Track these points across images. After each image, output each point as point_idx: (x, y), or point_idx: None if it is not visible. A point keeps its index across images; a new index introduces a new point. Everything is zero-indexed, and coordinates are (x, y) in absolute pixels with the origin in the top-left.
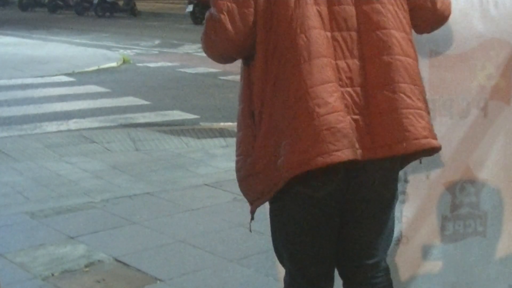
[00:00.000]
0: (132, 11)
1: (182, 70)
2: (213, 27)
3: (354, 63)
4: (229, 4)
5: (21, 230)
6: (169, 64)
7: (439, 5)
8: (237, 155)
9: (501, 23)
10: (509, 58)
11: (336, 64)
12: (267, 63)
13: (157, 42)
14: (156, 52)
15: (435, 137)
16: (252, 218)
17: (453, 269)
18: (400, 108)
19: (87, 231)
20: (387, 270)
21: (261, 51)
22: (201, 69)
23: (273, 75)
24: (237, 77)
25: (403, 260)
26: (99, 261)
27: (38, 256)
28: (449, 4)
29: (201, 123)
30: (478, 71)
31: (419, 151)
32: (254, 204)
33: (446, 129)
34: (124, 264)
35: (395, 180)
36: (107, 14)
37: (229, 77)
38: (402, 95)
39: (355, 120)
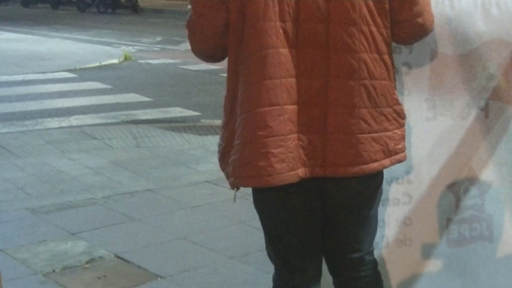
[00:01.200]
0: (134, 8)
1: (183, 67)
2: (190, 28)
3: (318, 82)
4: (201, 7)
5: (22, 226)
6: (171, 61)
7: (426, 21)
8: (219, 137)
9: (503, 23)
10: (511, 58)
11: (298, 81)
12: (236, 67)
13: (158, 38)
14: (158, 49)
15: (391, 153)
16: (238, 189)
17: (458, 274)
18: (356, 133)
19: (88, 227)
20: (373, 263)
21: (232, 55)
22: (202, 66)
23: (240, 81)
24: None
25: (406, 262)
26: (100, 257)
27: (39, 252)
28: (433, 21)
29: (202, 120)
30: (479, 71)
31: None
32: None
33: (447, 130)
34: (125, 260)
35: (376, 178)
36: (109, 10)
37: None
38: (360, 120)
39: (310, 139)
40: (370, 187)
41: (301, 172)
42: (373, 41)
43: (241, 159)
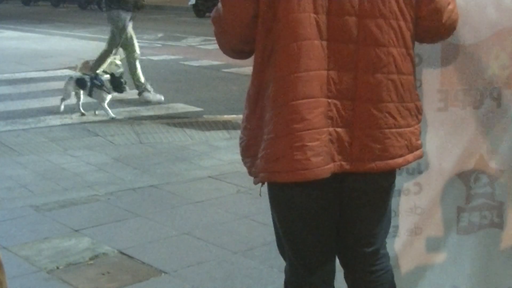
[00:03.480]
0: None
1: (185, 63)
2: (217, 22)
3: (347, 75)
4: None
5: (26, 224)
6: (172, 57)
7: (445, 19)
8: (241, 130)
9: None
10: None
11: (328, 74)
12: (263, 60)
13: (160, 35)
14: (159, 45)
15: (414, 149)
16: (262, 184)
17: (468, 261)
18: (383, 128)
19: (92, 224)
20: (386, 257)
21: (259, 48)
22: (204, 62)
23: (267, 74)
24: (241, 70)
25: (416, 251)
26: (103, 253)
27: (42, 249)
28: (457, 19)
29: (205, 116)
30: (492, 61)
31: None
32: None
33: (458, 120)
34: (129, 256)
35: (394, 172)
36: None
37: (233, 70)
38: (387, 114)
39: (338, 133)
40: (388, 181)
41: (332, 166)
42: (401, 36)
43: (274, 153)
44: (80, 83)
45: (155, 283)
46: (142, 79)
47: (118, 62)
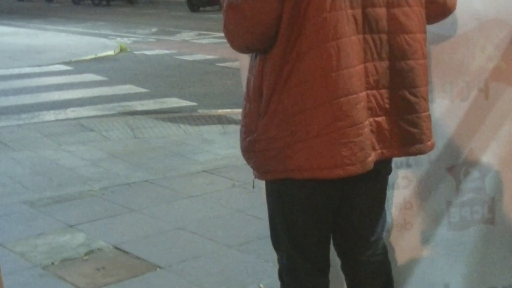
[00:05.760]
0: None
1: (179, 57)
2: (232, 15)
3: (382, 65)
4: None
5: (21, 220)
6: (167, 51)
7: (448, 1)
8: (241, 125)
9: (500, 3)
10: (509, 39)
11: (365, 66)
12: (285, 56)
13: (154, 29)
14: (153, 39)
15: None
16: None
17: (458, 257)
18: (420, 112)
19: (86, 219)
20: (385, 248)
21: (281, 46)
22: (198, 56)
23: (286, 70)
24: (235, 64)
25: (407, 246)
26: (98, 249)
27: (38, 245)
28: (455, 1)
29: (199, 110)
30: (478, 52)
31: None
32: (254, 174)
33: (446, 112)
34: (124, 251)
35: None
36: (104, 2)
37: (227, 64)
38: (421, 99)
39: (378, 122)
40: (391, 167)
41: (374, 156)
42: (422, 21)
43: (314, 149)
44: None
45: (150, 278)
46: None
47: None
